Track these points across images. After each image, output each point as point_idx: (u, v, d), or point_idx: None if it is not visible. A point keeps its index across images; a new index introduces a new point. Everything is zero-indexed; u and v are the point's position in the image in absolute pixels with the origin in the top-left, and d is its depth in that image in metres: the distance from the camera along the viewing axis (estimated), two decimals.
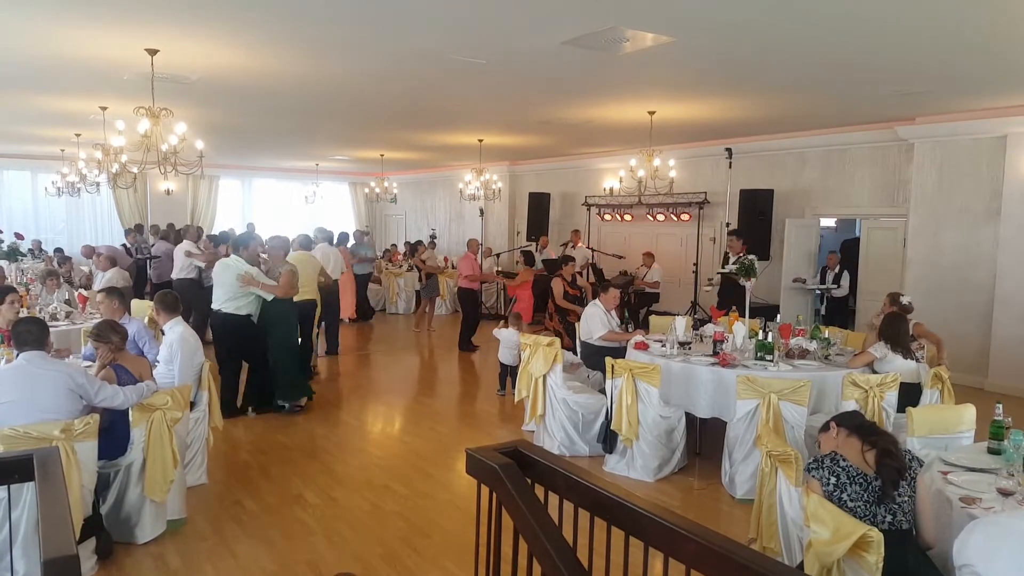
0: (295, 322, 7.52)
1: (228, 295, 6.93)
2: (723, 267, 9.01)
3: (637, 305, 11.97)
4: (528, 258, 11.26)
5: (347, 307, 12.20)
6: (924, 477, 3.07)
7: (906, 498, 2.98)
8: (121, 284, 9.38)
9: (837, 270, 10.47)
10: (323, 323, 9.70)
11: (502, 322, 8.20)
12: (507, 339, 7.85)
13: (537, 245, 14.29)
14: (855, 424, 3.20)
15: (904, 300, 6.31)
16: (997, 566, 2.20)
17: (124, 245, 14.00)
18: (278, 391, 7.28)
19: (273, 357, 7.20)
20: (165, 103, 6.96)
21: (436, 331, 12.63)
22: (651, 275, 12.10)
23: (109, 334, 4.61)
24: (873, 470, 3.00)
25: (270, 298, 6.99)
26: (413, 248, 15.37)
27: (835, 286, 10.22)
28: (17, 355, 4.53)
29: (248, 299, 6.98)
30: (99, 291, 6.24)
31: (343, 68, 7.02)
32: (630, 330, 7.20)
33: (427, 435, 6.83)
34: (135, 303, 8.36)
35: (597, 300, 7.14)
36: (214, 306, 7.07)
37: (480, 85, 7.70)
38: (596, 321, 6.98)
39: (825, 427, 3.33)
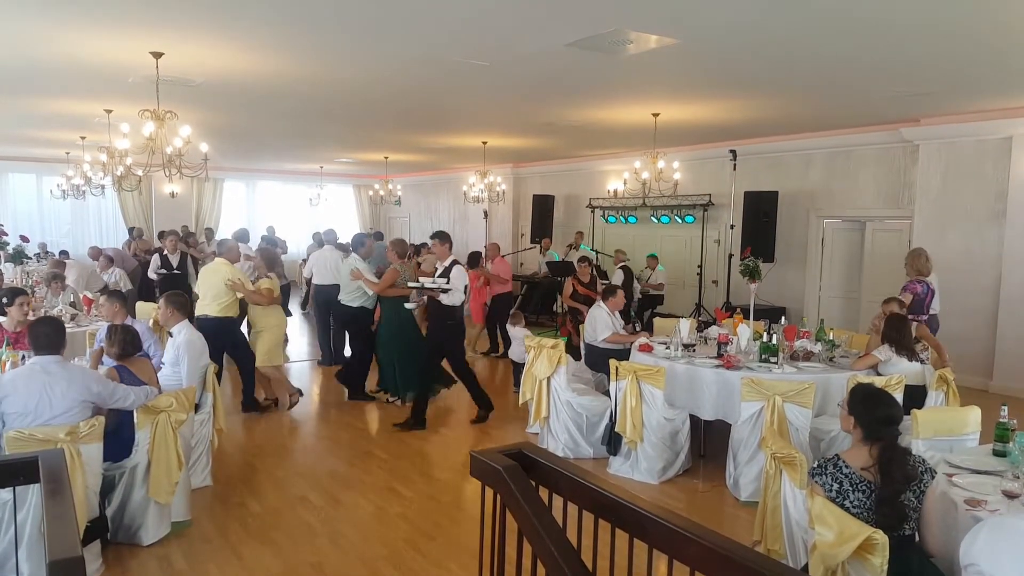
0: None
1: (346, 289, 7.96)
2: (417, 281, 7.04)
3: (641, 307, 11.97)
4: (471, 260, 10.91)
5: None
6: (934, 488, 3.01)
7: (911, 505, 2.95)
8: (79, 284, 9.82)
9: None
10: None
11: (511, 320, 8.17)
12: (521, 337, 7.83)
13: (540, 247, 14.29)
14: (877, 439, 3.01)
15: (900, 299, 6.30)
16: (1002, 566, 2.21)
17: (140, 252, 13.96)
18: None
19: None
20: (170, 106, 6.97)
21: None
22: (655, 278, 12.09)
23: (115, 337, 4.64)
24: (877, 480, 2.97)
25: (370, 293, 7.79)
26: (417, 250, 15.36)
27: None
28: (22, 357, 4.54)
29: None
30: (100, 293, 6.26)
31: (348, 71, 7.03)
32: (637, 329, 7.19)
33: (431, 437, 6.83)
34: (139, 305, 8.40)
35: (602, 302, 7.14)
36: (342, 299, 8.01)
37: (484, 87, 7.71)
38: (600, 323, 6.99)
39: (851, 408, 3.11)
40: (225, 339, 7.05)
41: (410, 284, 6.96)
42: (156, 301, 7.00)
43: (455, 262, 7.01)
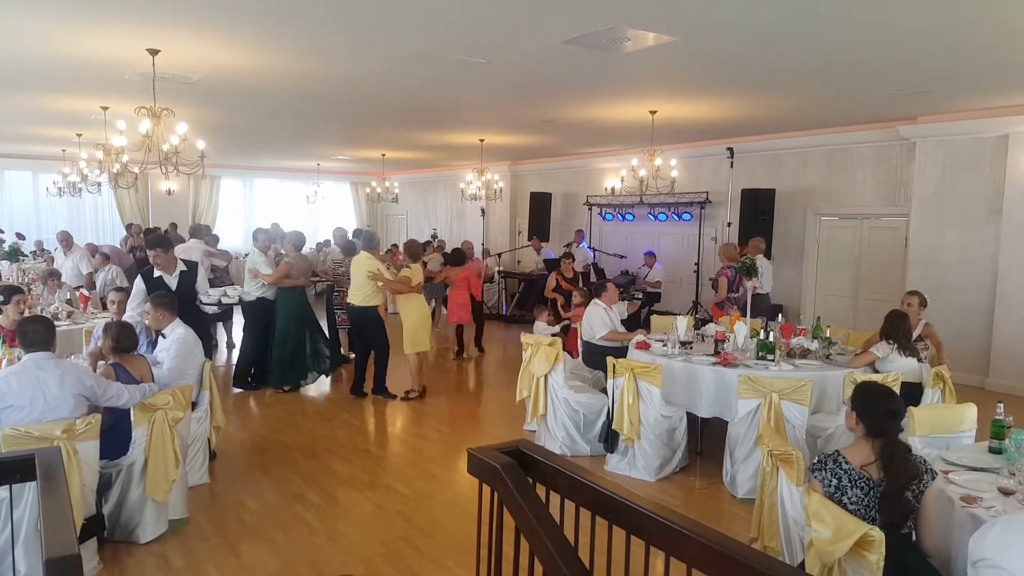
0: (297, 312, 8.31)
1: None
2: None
3: (639, 305, 11.98)
4: (454, 257, 10.81)
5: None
6: (933, 489, 3.00)
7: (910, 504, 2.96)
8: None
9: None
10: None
11: (535, 312, 8.12)
12: (543, 332, 7.80)
13: (533, 246, 14.27)
14: (878, 434, 3.03)
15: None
16: (1013, 559, 2.25)
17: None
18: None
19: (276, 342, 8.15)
20: (166, 103, 6.96)
21: (440, 331, 12.62)
22: (652, 275, 12.09)
23: (110, 331, 4.64)
24: (877, 477, 2.98)
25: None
26: (423, 248, 15.31)
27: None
28: (18, 355, 4.53)
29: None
30: (112, 290, 6.22)
31: (345, 68, 7.02)
32: (638, 298, 7.13)
33: (429, 435, 6.83)
34: None
35: (598, 299, 7.12)
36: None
37: (481, 85, 7.70)
38: (598, 321, 6.97)
39: (854, 404, 3.14)
40: (367, 326, 7.87)
41: (203, 300, 6.76)
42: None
43: (194, 265, 6.80)
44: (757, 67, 6.64)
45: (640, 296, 10.00)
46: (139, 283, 6.32)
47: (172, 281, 6.29)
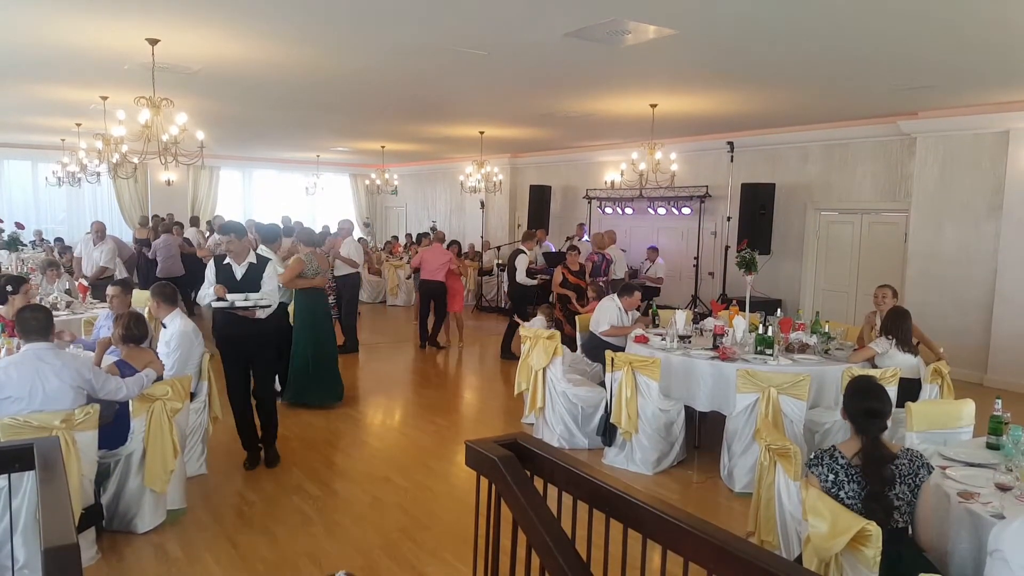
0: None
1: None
2: None
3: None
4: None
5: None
6: (929, 484, 3.01)
7: (904, 499, 2.97)
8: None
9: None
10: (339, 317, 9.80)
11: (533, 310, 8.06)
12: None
13: (536, 239, 14.22)
14: (861, 432, 3.07)
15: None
16: (1020, 559, 2.28)
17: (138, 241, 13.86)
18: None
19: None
20: (166, 93, 6.93)
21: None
22: (654, 270, 12.07)
23: (122, 320, 4.65)
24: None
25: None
26: (418, 240, 15.32)
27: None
28: (17, 344, 4.53)
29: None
30: (109, 284, 6.20)
31: (345, 59, 7.00)
32: (650, 327, 7.14)
33: (427, 427, 6.84)
34: (135, 293, 8.36)
35: (618, 297, 7.10)
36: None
37: (481, 77, 7.68)
38: (605, 315, 6.94)
39: (845, 399, 3.24)
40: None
41: (214, 304, 5.56)
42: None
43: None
44: (758, 61, 6.62)
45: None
46: (210, 267, 5.80)
47: (239, 271, 5.69)
